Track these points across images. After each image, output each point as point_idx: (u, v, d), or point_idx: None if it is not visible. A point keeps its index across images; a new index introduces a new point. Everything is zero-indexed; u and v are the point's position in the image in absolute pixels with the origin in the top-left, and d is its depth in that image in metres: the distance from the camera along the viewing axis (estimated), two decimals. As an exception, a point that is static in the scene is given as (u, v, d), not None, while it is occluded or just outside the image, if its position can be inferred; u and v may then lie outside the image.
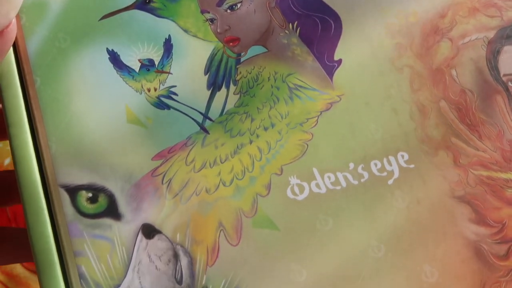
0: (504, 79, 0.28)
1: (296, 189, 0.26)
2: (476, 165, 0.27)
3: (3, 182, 0.36)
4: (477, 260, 0.26)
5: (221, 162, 0.27)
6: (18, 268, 0.42)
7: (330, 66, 0.28)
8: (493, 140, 0.27)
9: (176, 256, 0.26)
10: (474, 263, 0.26)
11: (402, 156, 0.27)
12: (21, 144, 0.27)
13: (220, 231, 0.26)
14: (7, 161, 0.46)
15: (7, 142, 0.44)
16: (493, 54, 0.28)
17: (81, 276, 0.25)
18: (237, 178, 0.26)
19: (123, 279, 0.25)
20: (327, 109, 0.27)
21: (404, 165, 0.27)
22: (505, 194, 0.26)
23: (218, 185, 0.26)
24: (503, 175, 0.27)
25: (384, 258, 0.26)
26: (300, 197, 0.26)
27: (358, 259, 0.26)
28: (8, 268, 0.42)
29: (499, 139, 0.27)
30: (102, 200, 0.26)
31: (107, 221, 0.26)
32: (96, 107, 0.27)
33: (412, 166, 0.27)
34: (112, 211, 0.26)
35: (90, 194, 0.26)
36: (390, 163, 0.27)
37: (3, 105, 0.27)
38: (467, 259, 0.26)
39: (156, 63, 0.27)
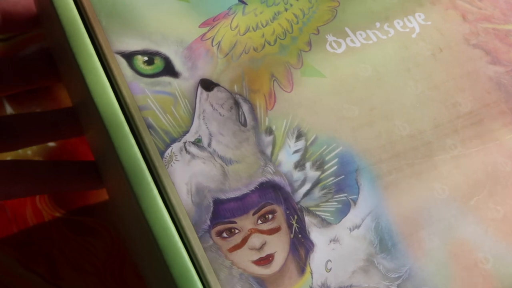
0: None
1: (334, 45, 0.29)
2: (481, 20, 0.31)
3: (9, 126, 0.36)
4: (499, 90, 0.29)
5: (263, 26, 0.29)
6: (18, 268, 0.40)
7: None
8: (491, 1, 0.31)
9: (236, 103, 0.27)
10: (498, 92, 0.29)
11: (419, 16, 0.30)
12: (70, 21, 0.28)
13: (273, 80, 0.28)
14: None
15: None
16: None
17: (149, 126, 0.26)
18: (280, 38, 0.29)
19: (191, 126, 0.26)
20: (348, -18, 0.30)
21: (422, 22, 0.30)
22: (511, 41, 0.30)
23: (264, 45, 0.28)
24: (505, 27, 0.31)
25: (422, 94, 0.28)
26: (339, 51, 0.29)
27: (399, 96, 0.28)
28: (8, 268, 0.40)
29: (496, 0, 0.31)
30: (158, 62, 0.27)
31: (166, 79, 0.27)
32: (138, -12, 0.29)
33: (429, 23, 0.30)
34: (169, 70, 0.27)
35: (146, 58, 0.27)
36: (410, 21, 0.30)
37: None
38: (492, 90, 0.29)
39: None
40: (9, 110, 0.43)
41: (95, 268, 0.40)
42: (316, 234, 0.25)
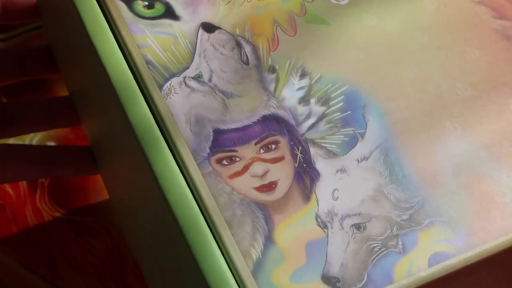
0: None
1: (338, -3, 0.29)
2: (485, -19, 0.30)
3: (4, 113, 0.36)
4: (507, 40, 0.28)
5: (265, -21, 0.29)
6: (18, 268, 0.39)
7: None
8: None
9: (239, 44, 0.26)
10: (505, 42, 0.28)
11: (423, -25, 0.30)
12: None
13: (276, 26, 0.27)
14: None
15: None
16: None
17: (148, 62, 0.25)
18: (282, -10, 0.28)
19: (191, 63, 0.26)
20: None
21: (426, -20, 0.30)
22: (516, -1, 0.30)
23: (267, -5, 0.28)
24: (510, -13, 0.30)
25: (429, 43, 0.28)
26: (343, 2, 0.28)
27: (406, 44, 0.27)
28: (8, 268, 0.39)
29: (499, -36, 0.31)
30: (159, 6, 0.27)
31: (167, 21, 0.27)
32: None
33: (433, -19, 0.30)
34: (170, 14, 0.27)
35: (146, 3, 0.27)
36: (414, -21, 0.30)
37: None
38: (499, 40, 0.28)
39: None
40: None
41: (95, 268, 0.39)
42: (322, 164, 0.24)
